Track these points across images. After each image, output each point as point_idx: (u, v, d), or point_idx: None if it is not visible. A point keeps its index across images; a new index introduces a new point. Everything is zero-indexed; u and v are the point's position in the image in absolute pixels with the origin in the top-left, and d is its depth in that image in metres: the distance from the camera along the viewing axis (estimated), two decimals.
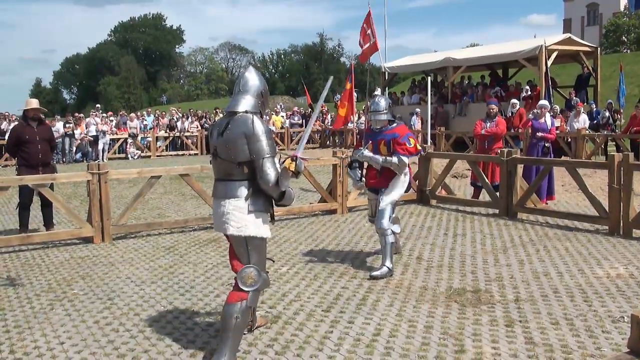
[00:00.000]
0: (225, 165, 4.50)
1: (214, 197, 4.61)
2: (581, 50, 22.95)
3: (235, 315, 4.39)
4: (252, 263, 4.51)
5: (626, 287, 6.19)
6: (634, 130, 18.17)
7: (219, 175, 4.59)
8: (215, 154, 4.56)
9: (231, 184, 4.48)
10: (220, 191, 4.55)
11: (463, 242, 8.40)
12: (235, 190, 4.46)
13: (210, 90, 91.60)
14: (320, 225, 9.86)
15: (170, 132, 26.81)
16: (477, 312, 5.50)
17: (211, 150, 4.66)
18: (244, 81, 4.66)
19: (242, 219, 4.45)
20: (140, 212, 11.25)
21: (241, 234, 4.46)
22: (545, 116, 11.60)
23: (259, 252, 4.57)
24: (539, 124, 11.57)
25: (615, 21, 57.80)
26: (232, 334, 4.39)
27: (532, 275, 6.69)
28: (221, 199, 4.51)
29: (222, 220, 4.51)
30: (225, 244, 8.38)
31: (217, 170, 4.61)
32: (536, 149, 11.55)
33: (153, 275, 6.99)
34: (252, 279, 4.47)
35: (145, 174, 9.55)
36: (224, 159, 4.48)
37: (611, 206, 8.77)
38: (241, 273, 4.47)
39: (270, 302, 5.90)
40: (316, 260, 7.52)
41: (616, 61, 29.87)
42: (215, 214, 4.63)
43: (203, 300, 6.02)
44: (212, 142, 4.61)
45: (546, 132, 11.50)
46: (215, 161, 4.58)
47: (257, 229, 4.50)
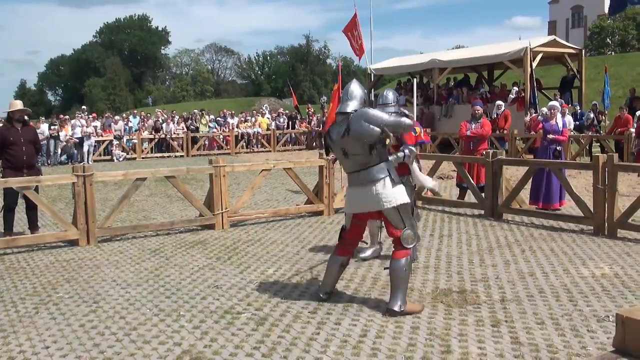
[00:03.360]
0: (359, 158, 5.47)
1: (354, 186, 5.57)
2: (566, 52, 23.11)
3: (404, 267, 5.48)
4: (407, 226, 5.50)
5: (611, 287, 6.24)
6: (618, 131, 18.37)
7: (355, 168, 5.53)
8: (346, 153, 5.51)
9: (371, 170, 5.45)
10: (362, 179, 5.49)
11: (449, 243, 8.43)
12: (377, 174, 5.45)
13: (196, 91, 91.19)
14: (307, 226, 9.87)
15: (156, 134, 26.71)
16: (463, 313, 5.53)
17: (337, 154, 5.63)
18: (350, 91, 5.59)
19: (391, 194, 5.44)
20: (126, 215, 11.19)
21: (395, 205, 5.44)
22: (557, 117, 11.03)
23: (408, 215, 5.57)
24: (550, 126, 10.97)
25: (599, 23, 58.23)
26: (401, 282, 5.46)
27: (518, 275, 6.73)
28: (365, 185, 5.48)
29: (371, 202, 5.46)
30: (212, 247, 8.40)
31: (351, 165, 5.55)
32: (547, 153, 11.03)
33: (139, 278, 6.96)
34: (411, 237, 5.52)
35: (130, 176, 9.52)
36: (357, 153, 5.45)
37: (596, 206, 8.83)
38: (403, 235, 5.48)
39: (256, 304, 5.89)
40: (303, 262, 7.52)
41: (601, 63, 30.10)
42: (356, 198, 5.57)
43: (189, 303, 6.00)
44: (338, 145, 5.54)
45: (558, 134, 10.94)
46: (347, 159, 5.55)
47: (403, 197, 5.52)
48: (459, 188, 11.94)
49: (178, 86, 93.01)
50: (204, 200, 10.01)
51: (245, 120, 29.62)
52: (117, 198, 10.82)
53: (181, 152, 26.69)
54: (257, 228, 9.83)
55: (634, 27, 55.99)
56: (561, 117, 11.29)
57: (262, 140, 28.89)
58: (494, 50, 23.99)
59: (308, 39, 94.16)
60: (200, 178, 15.55)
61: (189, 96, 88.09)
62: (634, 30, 56.21)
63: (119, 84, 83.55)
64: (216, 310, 5.75)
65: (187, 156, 26.32)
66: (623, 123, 18.52)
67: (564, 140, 11.20)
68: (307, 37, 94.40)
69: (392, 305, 5.44)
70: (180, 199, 12.18)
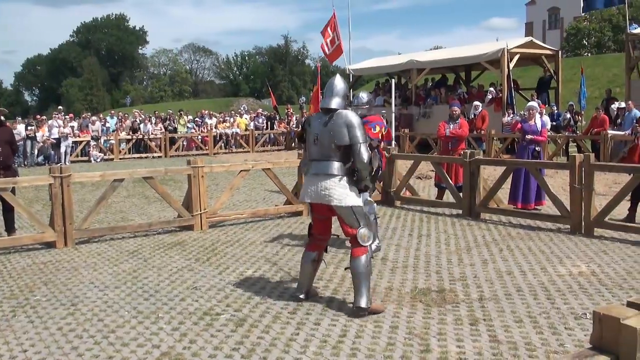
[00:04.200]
0: (325, 150, 5.60)
1: (311, 175, 5.67)
2: (543, 54, 23.32)
3: (364, 264, 5.55)
4: (362, 225, 5.59)
5: (588, 285, 6.31)
6: (595, 131, 18.53)
7: (318, 156, 5.65)
8: (316, 140, 5.64)
9: (332, 164, 5.58)
10: (321, 169, 5.60)
11: (427, 243, 8.47)
12: (335, 170, 5.56)
13: (174, 92, 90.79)
14: (286, 227, 9.86)
15: (134, 135, 26.54)
16: (442, 312, 5.56)
17: (311, 137, 5.70)
18: (333, 86, 5.75)
19: (343, 193, 5.55)
20: (104, 216, 11.11)
21: (346, 204, 5.55)
22: (535, 117, 11.04)
23: (363, 216, 5.66)
24: (529, 126, 10.97)
25: (576, 25, 58.82)
26: (364, 279, 5.53)
27: (496, 274, 6.78)
28: (321, 176, 5.59)
29: (323, 194, 5.56)
30: (190, 248, 8.37)
31: (316, 152, 5.66)
32: (526, 153, 11.01)
33: (117, 280, 6.91)
34: (367, 236, 5.60)
35: (108, 177, 9.44)
36: (325, 144, 5.58)
37: (573, 206, 8.93)
38: (359, 233, 5.56)
39: (235, 305, 5.88)
40: (282, 262, 7.51)
41: (577, 64, 30.42)
42: (311, 187, 5.65)
43: (168, 305, 5.97)
44: (312, 131, 5.68)
45: (536, 135, 10.94)
46: (315, 145, 5.66)
47: (355, 200, 5.60)
48: (437, 188, 12.01)
49: (156, 86, 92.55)
50: (183, 201, 9.96)
51: (223, 120, 29.52)
52: (95, 199, 10.73)
53: (159, 153, 26.52)
54: (236, 229, 9.80)
55: (610, 28, 56.58)
56: (540, 117, 11.31)
57: (240, 140, 28.80)
58: (471, 52, 24.14)
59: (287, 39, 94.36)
60: (179, 179, 15.48)
61: (167, 96, 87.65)
62: (609, 32, 56.78)
63: (96, 84, 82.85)
64: (195, 312, 5.73)
65: (165, 157, 26.17)
66: (599, 123, 18.70)
67: (542, 140, 11.24)
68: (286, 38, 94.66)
69: (358, 302, 5.49)
70: (158, 200, 12.11)
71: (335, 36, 18.48)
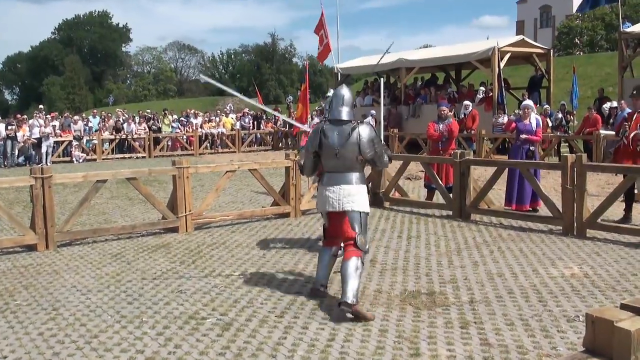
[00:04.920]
0: (348, 163, 6.02)
1: (332, 184, 6.02)
2: (534, 52, 23.43)
3: (356, 266, 5.74)
4: (362, 232, 5.95)
5: (581, 287, 6.34)
6: (587, 131, 18.63)
7: (341, 169, 6.03)
8: (337, 154, 6.00)
9: (357, 175, 6.07)
10: (344, 179, 6.01)
11: (417, 244, 8.48)
12: (358, 180, 6.07)
13: (159, 91, 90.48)
14: (273, 229, 9.84)
15: (117, 135, 26.43)
16: (431, 315, 5.57)
17: (330, 151, 6.02)
18: (342, 96, 6.20)
19: (363, 200, 6.06)
20: (86, 218, 11.05)
21: (362, 210, 6.01)
22: (530, 117, 11.06)
23: (366, 225, 6.10)
24: (524, 126, 10.99)
25: (568, 24, 59.07)
26: (353, 278, 5.65)
27: (487, 276, 6.80)
28: (341, 185, 6.00)
29: (346, 201, 5.97)
30: (175, 250, 8.34)
31: (338, 165, 6.03)
32: (520, 153, 11.02)
33: (99, 284, 6.87)
34: (364, 242, 5.94)
35: (90, 178, 9.39)
36: (348, 157, 5.99)
37: (565, 207, 8.97)
38: (359, 239, 5.89)
39: (221, 309, 5.86)
40: (269, 265, 7.50)
41: (569, 63, 30.60)
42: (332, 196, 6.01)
43: (152, 309, 5.94)
44: (331, 144, 6.01)
45: (531, 134, 10.95)
46: (336, 158, 6.02)
47: (368, 207, 6.12)
48: (427, 189, 12.03)
49: (140, 85, 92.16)
50: (167, 202, 9.92)
51: (209, 120, 29.47)
52: (77, 201, 10.67)
53: (143, 153, 26.44)
54: (221, 231, 9.77)
55: (603, 27, 56.78)
56: (535, 116, 11.32)
57: (226, 140, 28.77)
58: (461, 50, 24.22)
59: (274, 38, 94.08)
60: (163, 180, 15.42)
61: (151, 95, 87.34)
62: (602, 31, 56.98)
63: (78, 83, 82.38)
64: (180, 316, 5.70)
65: (149, 157, 26.08)
66: (592, 123, 18.80)
67: (537, 140, 11.21)
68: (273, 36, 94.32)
69: (346, 297, 5.52)
70: (142, 201, 12.05)
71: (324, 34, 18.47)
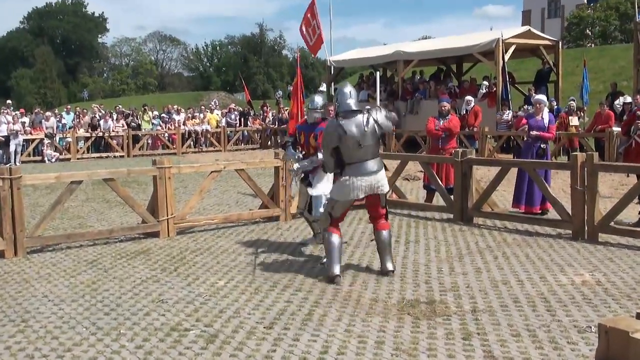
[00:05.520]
0: (371, 148, 7.14)
1: (366, 174, 7.05)
2: (541, 44, 23.46)
3: (390, 235, 7.52)
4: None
5: (593, 295, 6.36)
6: (599, 128, 18.61)
7: (367, 157, 7.08)
8: (360, 144, 7.01)
9: (379, 160, 7.26)
10: (373, 166, 7.12)
11: (416, 250, 8.49)
12: (381, 163, 7.31)
13: (138, 85, 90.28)
14: (262, 233, 9.83)
15: (93, 132, 26.34)
16: (431, 325, 5.57)
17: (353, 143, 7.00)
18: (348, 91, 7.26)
19: (386, 182, 7.36)
20: (59, 222, 11.00)
21: (387, 190, 7.45)
22: (543, 112, 11.02)
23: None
24: (535, 122, 10.98)
25: (578, 13, 59.05)
26: (390, 246, 7.44)
27: (491, 284, 6.81)
28: (376, 172, 7.12)
29: (378, 186, 7.15)
30: (156, 257, 8.32)
31: (362, 154, 7.05)
32: (531, 151, 11.03)
33: (73, 293, 6.84)
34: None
35: (64, 179, 9.36)
36: (370, 143, 7.10)
37: (574, 209, 8.99)
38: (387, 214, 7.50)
39: (206, 320, 5.84)
40: (257, 272, 7.50)
41: (579, 56, 30.67)
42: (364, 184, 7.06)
43: (131, 320, 5.92)
44: (352, 137, 6.99)
45: (543, 131, 10.92)
46: (360, 149, 7.03)
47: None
48: (426, 190, 12.05)
49: (117, 79, 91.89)
50: (147, 205, 9.90)
51: (192, 116, 29.40)
52: (49, 204, 10.63)
53: (121, 152, 26.35)
54: (206, 235, 9.76)
55: (617, 17, 56.52)
56: (547, 112, 11.28)
57: (211, 138, 28.71)
58: (463, 42, 24.25)
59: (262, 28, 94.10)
60: (143, 181, 15.37)
61: (130, 90, 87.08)
62: (616, 21, 56.71)
63: (50, 76, 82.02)
64: (161, 328, 5.69)
65: (128, 156, 26.00)
66: (604, 120, 18.72)
67: (549, 137, 11.20)
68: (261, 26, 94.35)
69: (391, 266, 7.26)
70: (120, 204, 12.01)
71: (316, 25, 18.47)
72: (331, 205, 7.31)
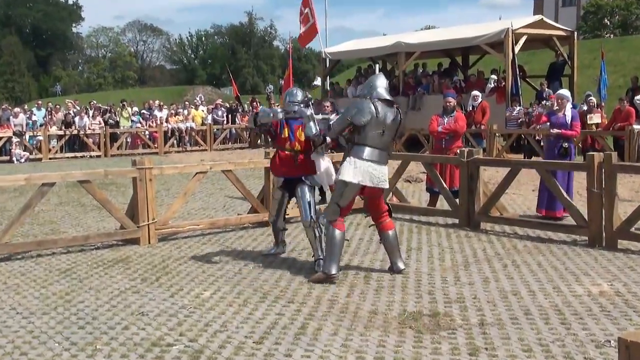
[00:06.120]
0: (388, 140, 7.62)
1: (375, 161, 7.42)
2: (555, 35, 23.52)
3: (396, 234, 7.97)
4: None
5: (611, 307, 6.36)
6: (618, 126, 18.60)
7: (382, 146, 7.52)
8: (384, 132, 7.46)
9: (387, 155, 7.66)
10: (382, 158, 7.51)
11: (418, 258, 8.50)
12: (387, 159, 7.70)
13: (116, 78, 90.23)
14: (251, 240, 9.83)
15: (66, 130, 26.30)
16: (435, 340, 5.57)
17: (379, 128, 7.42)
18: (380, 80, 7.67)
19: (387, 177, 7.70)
20: (29, 228, 10.99)
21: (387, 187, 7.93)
22: (566, 108, 11.05)
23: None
24: (557, 119, 10.97)
25: (596, 1, 58.89)
26: (398, 245, 7.99)
27: (499, 294, 6.82)
28: (384, 164, 7.54)
29: (382, 178, 7.49)
30: (136, 266, 8.31)
31: (381, 142, 7.50)
32: (554, 149, 11.04)
33: (45, 305, 6.83)
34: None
35: (35, 181, 9.34)
36: (391, 136, 7.69)
37: (591, 214, 9.00)
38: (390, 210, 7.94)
39: (190, 334, 5.84)
40: (246, 282, 7.49)
41: (597, 47, 30.66)
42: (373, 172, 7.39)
43: (108, 334, 5.91)
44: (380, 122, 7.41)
45: (566, 128, 10.89)
46: (382, 136, 7.47)
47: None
48: (429, 193, 12.06)
49: (93, 72, 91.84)
50: (126, 209, 9.89)
51: (176, 113, 29.40)
52: (18, 208, 10.61)
53: (98, 152, 26.36)
54: (190, 242, 9.75)
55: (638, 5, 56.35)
56: (571, 108, 11.24)
57: (196, 137, 28.73)
58: (469, 32, 24.30)
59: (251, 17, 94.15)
60: (122, 183, 15.37)
61: (107, 84, 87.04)
62: (638, 10, 56.34)
63: (18, 69, 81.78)
64: (141, 343, 5.68)
65: (105, 156, 26.03)
66: (623, 117, 18.65)
67: (572, 135, 11.13)
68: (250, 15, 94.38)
69: (402, 264, 7.77)
70: (96, 208, 12.00)
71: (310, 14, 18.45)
72: (340, 192, 7.54)
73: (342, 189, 7.47)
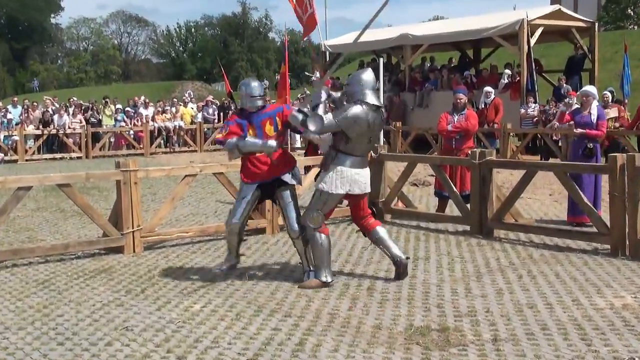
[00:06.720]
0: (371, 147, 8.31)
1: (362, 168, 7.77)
2: (574, 26, 23.53)
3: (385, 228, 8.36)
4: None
5: (635, 321, 6.34)
6: None
7: (365, 153, 7.93)
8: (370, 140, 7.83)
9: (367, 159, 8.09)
10: (365, 164, 7.87)
11: (426, 268, 8.50)
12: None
13: (99, 73, 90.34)
14: (244, 248, 9.80)
15: (44, 129, 26.30)
16: (444, 357, 5.57)
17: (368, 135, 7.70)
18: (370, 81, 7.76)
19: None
20: (4, 235, 10.99)
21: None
22: (591, 107, 11.03)
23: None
24: (581, 118, 10.99)
25: None
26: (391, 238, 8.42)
27: (514, 308, 6.81)
28: (366, 167, 7.87)
29: (366, 184, 7.85)
30: (120, 277, 8.31)
31: (367, 149, 7.99)
32: (579, 150, 11.10)
33: (21, 319, 6.82)
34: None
35: (10, 185, 9.33)
36: (375, 142, 8.35)
37: (613, 220, 8.99)
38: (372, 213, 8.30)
39: (179, 351, 5.83)
40: (239, 294, 7.49)
41: (619, 40, 30.72)
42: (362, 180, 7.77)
43: (89, 351, 5.90)
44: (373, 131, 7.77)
45: (591, 128, 10.93)
46: (369, 144, 7.91)
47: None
48: (438, 197, 12.06)
49: (74, 66, 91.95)
50: (109, 215, 9.89)
51: (162, 110, 29.40)
52: None
53: (79, 153, 26.35)
54: (179, 251, 9.76)
55: None
56: (597, 106, 11.21)
57: (185, 136, 28.74)
58: (481, 23, 24.32)
59: (244, 7, 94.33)
60: (104, 187, 15.37)
61: (89, 79, 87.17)
62: None
63: None
64: None
65: (86, 158, 26.02)
66: None
67: (598, 135, 11.12)
68: (244, 4, 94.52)
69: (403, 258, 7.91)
70: (77, 213, 12.01)
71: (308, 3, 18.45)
72: (323, 200, 7.78)
73: (326, 198, 7.77)
